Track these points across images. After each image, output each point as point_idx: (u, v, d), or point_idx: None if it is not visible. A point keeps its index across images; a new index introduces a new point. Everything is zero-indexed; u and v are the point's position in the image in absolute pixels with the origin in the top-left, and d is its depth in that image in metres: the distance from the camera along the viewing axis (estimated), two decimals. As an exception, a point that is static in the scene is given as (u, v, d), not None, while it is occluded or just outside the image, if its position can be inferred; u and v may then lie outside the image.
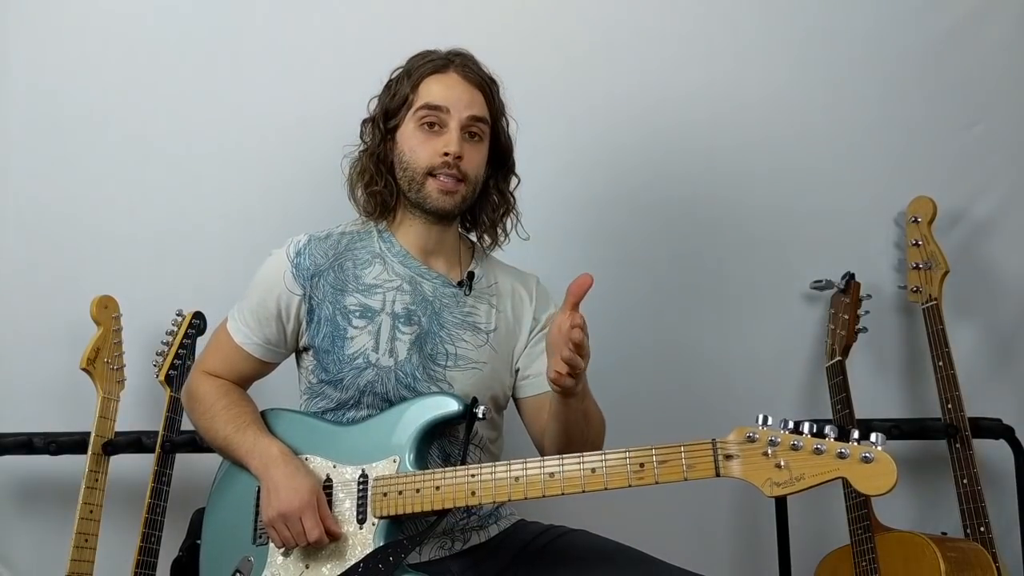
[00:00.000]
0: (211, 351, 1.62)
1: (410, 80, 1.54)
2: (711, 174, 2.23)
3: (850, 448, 1.18)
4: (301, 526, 1.38)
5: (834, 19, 2.25)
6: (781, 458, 1.21)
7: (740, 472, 1.23)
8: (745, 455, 1.23)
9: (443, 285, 1.57)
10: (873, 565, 1.87)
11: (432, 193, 1.52)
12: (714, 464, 1.24)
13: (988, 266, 2.24)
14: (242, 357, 1.57)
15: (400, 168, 1.55)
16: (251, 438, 1.48)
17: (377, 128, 1.57)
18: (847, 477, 1.18)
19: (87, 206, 2.17)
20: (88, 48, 2.18)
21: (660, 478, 1.26)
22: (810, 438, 1.20)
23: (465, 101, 1.52)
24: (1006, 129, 2.25)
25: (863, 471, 1.18)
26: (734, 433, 1.25)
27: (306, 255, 1.55)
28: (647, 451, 1.28)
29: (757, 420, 1.24)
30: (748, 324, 2.21)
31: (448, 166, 1.50)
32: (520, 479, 1.34)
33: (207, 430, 1.55)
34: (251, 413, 1.54)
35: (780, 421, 1.23)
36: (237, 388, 1.59)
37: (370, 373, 1.49)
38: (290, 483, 1.41)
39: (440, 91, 1.52)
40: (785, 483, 1.20)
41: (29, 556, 2.13)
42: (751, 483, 1.22)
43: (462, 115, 1.51)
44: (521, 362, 1.61)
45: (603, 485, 1.29)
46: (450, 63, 1.55)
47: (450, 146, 1.49)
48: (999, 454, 2.08)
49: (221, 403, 1.54)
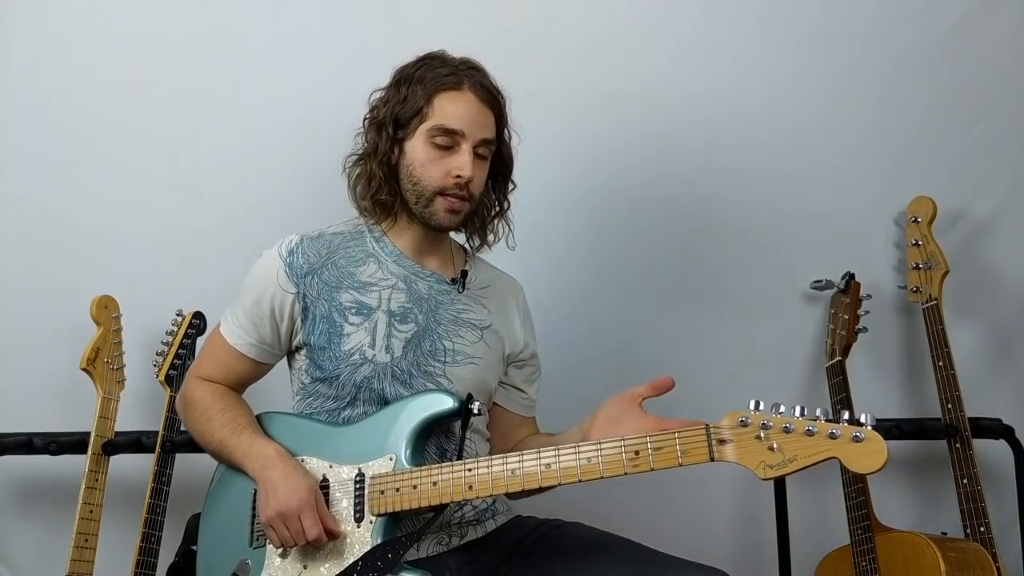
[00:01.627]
0: (205, 356, 1.62)
1: (423, 90, 1.53)
2: (711, 174, 2.23)
3: (841, 428, 1.20)
4: (300, 525, 1.38)
5: (834, 19, 2.25)
6: (774, 441, 1.23)
7: (734, 456, 1.25)
8: (738, 439, 1.25)
9: (437, 283, 1.59)
10: (873, 565, 1.87)
11: (439, 212, 1.53)
12: (708, 449, 1.26)
13: (988, 266, 2.24)
14: (237, 359, 1.57)
15: (408, 181, 1.55)
16: (247, 440, 1.48)
17: (386, 133, 1.56)
18: (839, 457, 1.20)
19: (87, 206, 2.17)
20: (88, 48, 2.18)
21: (655, 465, 1.28)
22: (801, 420, 1.22)
23: (479, 124, 1.53)
24: (1006, 129, 2.25)
25: (854, 450, 1.19)
26: (727, 418, 1.26)
27: (299, 254, 1.55)
28: (641, 439, 1.29)
29: (749, 405, 1.25)
30: (748, 324, 2.21)
31: (459, 187, 1.52)
32: (516, 471, 1.35)
33: (203, 435, 1.55)
34: (246, 416, 1.54)
35: (772, 405, 1.25)
36: (232, 392, 1.59)
37: (366, 369, 1.50)
38: (288, 482, 1.41)
39: (455, 113, 1.52)
40: (778, 465, 1.22)
41: (29, 556, 2.13)
42: (745, 466, 1.24)
43: (475, 138, 1.52)
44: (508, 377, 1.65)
45: (599, 474, 1.30)
46: (464, 78, 1.54)
47: (464, 170, 1.51)
48: (999, 454, 2.08)
49: (216, 407, 1.54)
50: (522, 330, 1.67)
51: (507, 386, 1.67)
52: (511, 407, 1.67)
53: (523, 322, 1.68)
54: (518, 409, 1.68)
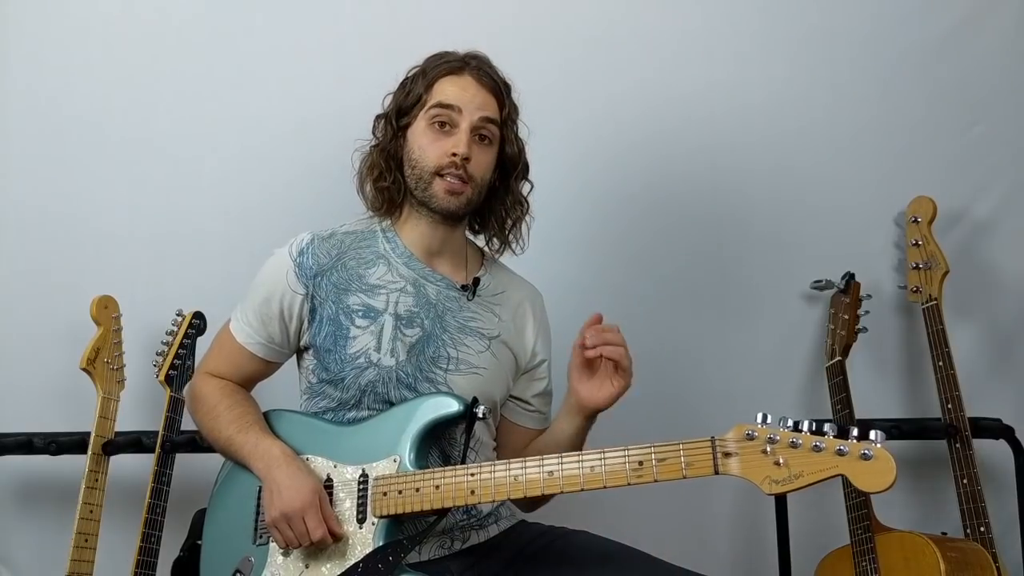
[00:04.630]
0: (214, 352, 1.62)
1: (425, 79, 1.55)
2: (711, 174, 2.23)
3: (849, 445, 1.18)
4: (304, 526, 1.38)
5: (834, 19, 2.25)
6: (780, 456, 1.21)
7: (739, 470, 1.23)
8: (744, 453, 1.23)
9: (447, 288, 1.57)
10: (873, 565, 1.87)
11: (439, 193, 1.52)
12: (713, 462, 1.24)
13: (988, 266, 2.24)
14: (245, 357, 1.58)
15: (409, 165, 1.55)
16: (253, 439, 1.48)
17: (390, 124, 1.58)
18: (846, 474, 1.18)
19: (87, 206, 2.17)
20: (88, 48, 2.18)
21: (659, 476, 1.26)
22: (809, 435, 1.20)
23: (477, 102, 1.53)
24: (1006, 129, 2.25)
25: (862, 468, 1.17)
26: (733, 431, 1.24)
27: (309, 254, 1.55)
28: (646, 449, 1.28)
29: (756, 418, 1.24)
30: (748, 324, 2.21)
31: (455, 167, 1.51)
32: (519, 478, 1.34)
33: (210, 431, 1.55)
34: (254, 414, 1.54)
35: (779, 419, 1.23)
36: (240, 389, 1.60)
37: (371, 373, 1.50)
38: (292, 483, 1.41)
39: (453, 91, 1.53)
40: (784, 480, 1.20)
41: (29, 556, 2.13)
42: (750, 481, 1.22)
43: (473, 116, 1.52)
44: (518, 388, 1.64)
45: (602, 483, 1.29)
46: (466, 65, 1.55)
47: (459, 147, 1.50)
48: (999, 454, 2.08)
49: (224, 404, 1.54)
50: (534, 340, 1.64)
51: (517, 400, 1.65)
52: (521, 421, 1.65)
53: (537, 332, 1.65)
54: (528, 423, 1.65)
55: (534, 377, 1.65)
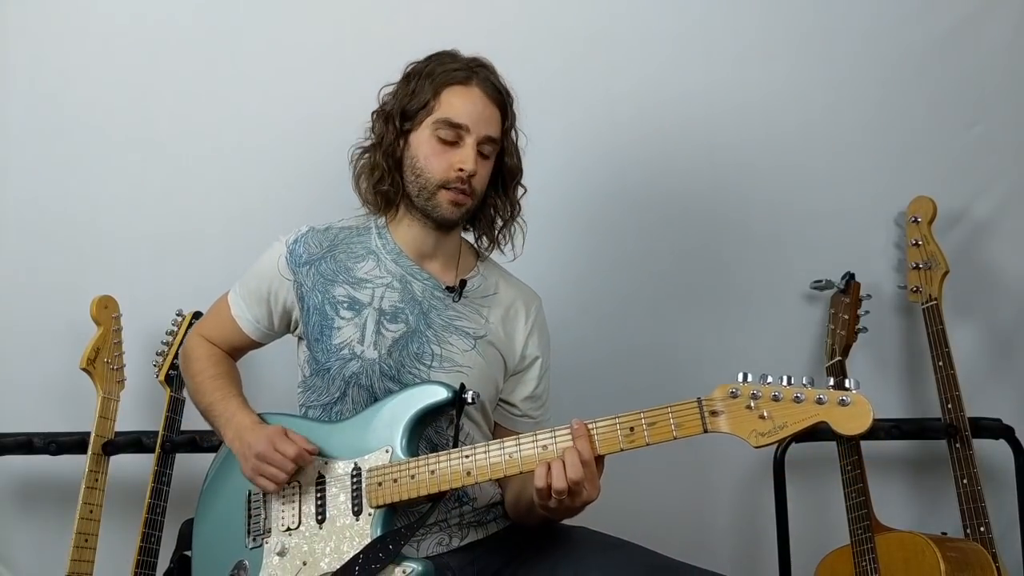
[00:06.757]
0: (211, 316, 1.69)
1: (432, 85, 1.54)
2: (711, 174, 2.23)
3: (828, 394, 1.24)
4: (278, 454, 1.42)
5: (834, 19, 2.25)
6: (764, 409, 1.27)
7: (727, 426, 1.28)
8: (730, 410, 1.28)
9: (433, 287, 1.58)
10: (873, 565, 1.87)
11: (443, 203, 1.53)
12: (701, 421, 1.29)
13: (988, 266, 2.24)
14: (234, 329, 1.64)
15: (412, 173, 1.55)
16: (232, 409, 1.55)
17: (392, 125, 1.57)
18: (827, 420, 1.24)
19: (87, 206, 2.17)
20: (88, 48, 2.18)
21: (651, 439, 1.31)
22: (789, 388, 1.26)
23: (484, 121, 1.53)
24: (1006, 129, 2.25)
25: (841, 414, 1.24)
26: (717, 390, 1.30)
27: (302, 244, 1.59)
28: (636, 415, 1.32)
29: (737, 377, 1.29)
30: (748, 324, 2.21)
31: (462, 181, 1.52)
32: (514, 455, 1.36)
33: (195, 391, 1.64)
34: (236, 387, 1.62)
35: (760, 376, 1.28)
36: (228, 359, 1.67)
37: (355, 364, 1.51)
38: (256, 432, 1.47)
39: (462, 107, 1.52)
40: (769, 432, 1.26)
41: (29, 556, 2.13)
42: (738, 435, 1.27)
43: (480, 134, 1.53)
44: (505, 391, 1.63)
45: (596, 452, 1.33)
46: (473, 75, 1.55)
47: (467, 164, 1.51)
48: (999, 454, 2.08)
49: (211, 371, 1.62)
50: (525, 342, 1.62)
51: (503, 403, 1.63)
52: (507, 424, 1.63)
53: (530, 334, 1.63)
54: (515, 427, 1.62)
55: (523, 379, 1.64)
